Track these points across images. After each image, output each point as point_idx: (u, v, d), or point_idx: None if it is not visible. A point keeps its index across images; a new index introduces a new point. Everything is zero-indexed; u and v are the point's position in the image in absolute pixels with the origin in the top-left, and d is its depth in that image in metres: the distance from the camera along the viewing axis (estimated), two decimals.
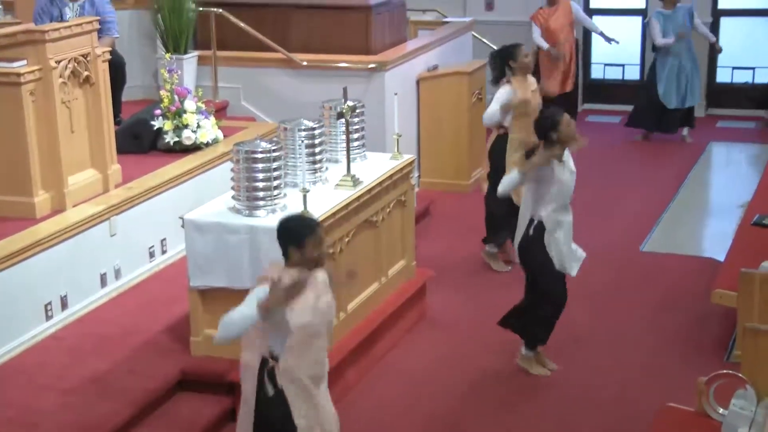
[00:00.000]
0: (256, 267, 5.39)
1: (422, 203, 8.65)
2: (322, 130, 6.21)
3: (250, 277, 5.29)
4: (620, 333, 6.74)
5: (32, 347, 5.94)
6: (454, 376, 6.22)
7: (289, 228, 4.40)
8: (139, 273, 6.93)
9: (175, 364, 5.76)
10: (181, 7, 8.83)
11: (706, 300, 6.62)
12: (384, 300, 6.50)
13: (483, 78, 9.75)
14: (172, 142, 7.75)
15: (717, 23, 12.02)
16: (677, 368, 6.21)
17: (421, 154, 9.46)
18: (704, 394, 4.82)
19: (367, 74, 8.71)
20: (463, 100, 9.37)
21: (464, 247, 8.15)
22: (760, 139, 11.22)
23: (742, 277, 5.84)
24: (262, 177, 5.64)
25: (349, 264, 5.98)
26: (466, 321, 6.93)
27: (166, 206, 7.12)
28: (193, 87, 8.68)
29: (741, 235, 7.22)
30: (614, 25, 12.23)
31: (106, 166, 6.89)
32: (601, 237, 8.36)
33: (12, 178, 6.42)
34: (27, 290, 5.96)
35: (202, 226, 5.65)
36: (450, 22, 10.69)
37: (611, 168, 10.31)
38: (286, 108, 8.55)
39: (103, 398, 5.39)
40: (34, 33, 6.38)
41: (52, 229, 6.20)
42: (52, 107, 6.40)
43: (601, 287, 7.42)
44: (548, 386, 6.09)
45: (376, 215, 6.34)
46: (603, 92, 12.57)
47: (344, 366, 5.90)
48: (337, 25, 9.09)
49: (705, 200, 9.84)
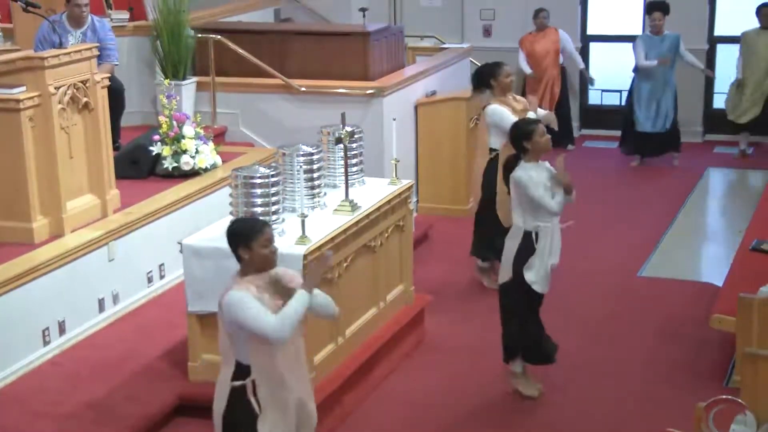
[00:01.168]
0: None
1: (420, 228, 8.65)
2: (321, 156, 6.23)
3: None
4: (618, 358, 6.73)
5: (29, 372, 5.93)
6: (452, 401, 6.20)
7: (236, 230, 4.44)
8: (138, 298, 6.93)
9: (172, 390, 5.74)
10: (179, 34, 8.88)
11: (704, 325, 6.61)
12: (382, 325, 6.49)
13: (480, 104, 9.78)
14: (170, 168, 7.77)
15: (714, 50, 12.09)
16: (676, 393, 6.19)
17: (420, 179, 9.47)
18: (703, 419, 4.79)
19: (366, 100, 8.74)
20: (461, 126, 9.40)
21: (462, 271, 8.14)
22: (757, 165, 11.24)
23: (741, 302, 5.84)
24: (261, 202, 5.65)
25: (349, 291, 5.98)
26: (464, 346, 6.92)
27: (164, 231, 7.12)
28: (191, 113, 8.72)
29: (739, 260, 7.22)
30: (611, 51, 12.31)
31: (105, 192, 6.90)
32: (598, 262, 8.37)
33: (10, 204, 6.43)
34: (25, 315, 5.95)
35: (201, 251, 5.65)
36: (448, 48, 10.74)
37: (608, 193, 10.33)
38: (284, 133, 8.58)
39: (101, 424, 5.38)
40: (34, 59, 6.41)
41: (50, 255, 6.21)
42: (51, 133, 6.42)
43: (598, 312, 7.42)
44: (548, 412, 6.07)
45: (374, 240, 6.34)
46: (600, 118, 12.61)
47: (342, 391, 5.88)
48: (336, 52, 9.13)
49: (703, 225, 9.86)
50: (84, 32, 8.01)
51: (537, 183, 5.82)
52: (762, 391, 4.69)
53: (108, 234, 6.65)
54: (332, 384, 5.79)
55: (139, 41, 9.38)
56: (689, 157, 11.28)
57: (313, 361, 5.70)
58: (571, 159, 11.33)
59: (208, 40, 9.05)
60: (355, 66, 9.06)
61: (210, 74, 9.05)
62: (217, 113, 9.11)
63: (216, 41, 9.03)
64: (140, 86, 9.36)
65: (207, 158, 7.87)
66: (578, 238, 8.78)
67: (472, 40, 12.06)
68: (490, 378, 6.39)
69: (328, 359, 5.86)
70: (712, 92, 12.23)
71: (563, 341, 6.21)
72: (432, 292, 7.29)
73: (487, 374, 6.46)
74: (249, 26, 10.14)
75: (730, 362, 6.46)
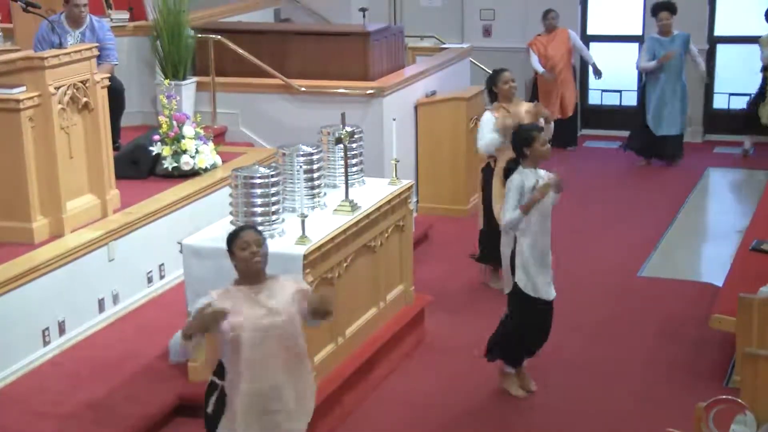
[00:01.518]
0: None
1: (420, 228, 8.65)
2: (321, 156, 6.22)
3: None
4: (618, 358, 6.73)
5: (29, 373, 5.93)
6: (452, 400, 6.20)
7: (226, 238, 4.50)
8: (138, 298, 6.93)
9: (172, 390, 5.74)
10: (180, 34, 8.88)
11: (704, 325, 6.61)
12: (382, 325, 6.49)
13: (481, 104, 9.77)
14: (170, 168, 7.77)
15: (713, 50, 12.09)
16: (676, 394, 6.19)
17: (420, 179, 9.48)
18: (703, 419, 4.79)
19: (366, 100, 8.74)
20: (461, 126, 9.40)
21: (462, 271, 8.14)
22: (757, 165, 11.24)
23: (741, 302, 5.84)
24: (261, 202, 5.65)
25: (349, 291, 5.99)
26: (464, 346, 6.91)
27: (164, 231, 7.12)
28: (191, 113, 8.72)
29: (739, 260, 7.22)
30: (611, 51, 12.30)
31: (105, 192, 6.90)
32: (598, 262, 8.37)
33: (10, 204, 6.43)
34: (25, 316, 5.95)
35: (201, 252, 5.65)
36: (448, 48, 10.73)
37: (608, 193, 10.33)
38: (284, 133, 8.58)
39: (101, 424, 5.38)
40: (33, 59, 6.41)
41: (50, 255, 6.21)
42: (50, 133, 6.42)
43: (598, 312, 7.42)
44: (547, 412, 6.07)
45: (374, 240, 6.34)
46: (600, 118, 12.61)
47: (342, 391, 5.88)
48: (336, 52, 9.13)
49: (703, 225, 9.85)
50: (82, 32, 8.01)
51: (517, 189, 5.84)
52: (762, 391, 4.69)
53: (108, 234, 6.65)
54: (332, 384, 5.79)
55: (139, 41, 9.38)
56: (689, 157, 11.27)
57: (314, 361, 5.70)
58: (572, 159, 11.43)
59: (208, 40, 9.05)
60: (355, 66, 9.06)
61: (210, 74, 9.05)
62: (217, 113, 9.12)
63: (216, 41, 9.03)
64: (140, 86, 9.36)
65: (207, 158, 7.87)
66: (578, 238, 8.80)
67: (472, 40, 12.06)
68: (490, 378, 6.39)
69: (328, 359, 5.86)
70: (712, 92, 12.23)
71: (563, 341, 6.21)
72: (432, 292, 7.29)
73: (486, 374, 6.45)
74: (249, 26, 10.14)
75: (730, 362, 6.45)
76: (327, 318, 4.54)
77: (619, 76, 12.05)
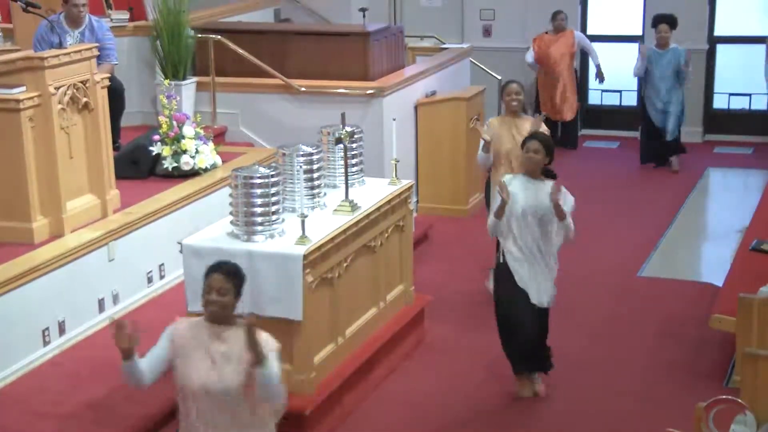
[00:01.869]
0: (254, 292, 5.39)
1: (420, 228, 8.65)
2: (321, 156, 6.23)
3: (248, 302, 5.28)
4: (618, 359, 6.73)
5: (29, 373, 5.92)
6: (452, 401, 6.20)
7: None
8: (138, 298, 6.92)
9: (172, 390, 5.73)
10: (179, 34, 8.87)
11: (704, 325, 6.61)
12: (382, 325, 6.49)
13: (481, 104, 9.79)
14: (170, 168, 7.76)
15: (713, 50, 12.09)
16: (676, 394, 6.19)
17: (420, 180, 9.48)
18: (703, 419, 4.79)
19: (366, 100, 8.74)
20: (461, 126, 9.40)
21: (463, 271, 8.15)
22: (757, 165, 11.25)
23: (741, 302, 5.84)
24: (261, 202, 5.64)
25: (349, 291, 5.99)
26: (464, 346, 6.92)
27: (164, 231, 7.12)
28: (191, 113, 8.72)
29: (739, 260, 7.22)
30: (611, 51, 12.30)
31: (105, 192, 6.90)
32: (598, 262, 8.37)
33: (10, 204, 6.42)
34: (25, 316, 5.95)
35: (201, 252, 5.65)
36: (448, 48, 10.73)
37: (608, 193, 10.33)
38: (284, 133, 8.58)
39: (101, 425, 5.37)
40: (33, 59, 6.41)
41: (50, 255, 6.20)
42: (50, 133, 6.42)
43: (598, 312, 7.42)
44: (547, 413, 6.07)
45: (374, 240, 6.34)
46: (600, 118, 12.61)
47: (342, 391, 5.88)
48: (336, 52, 9.13)
49: (703, 225, 9.86)
50: (82, 32, 8.01)
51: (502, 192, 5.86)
52: (762, 391, 4.69)
53: (108, 234, 6.65)
54: (332, 384, 5.79)
55: (139, 41, 9.38)
56: (689, 157, 11.27)
57: (314, 361, 5.71)
58: (572, 159, 11.42)
59: (208, 40, 9.05)
60: (355, 66, 9.06)
61: (210, 74, 9.05)
62: (217, 113, 9.11)
63: (216, 41, 9.03)
64: (140, 86, 9.36)
65: (207, 158, 7.87)
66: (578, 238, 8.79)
67: (472, 40, 12.06)
68: (490, 378, 6.40)
69: (328, 359, 5.86)
70: (712, 92, 12.23)
71: (563, 341, 6.21)
72: (432, 292, 7.29)
73: (486, 374, 6.46)
74: (249, 26, 10.14)
75: (730, 362, 6.46)
76: (261, 362, 4.13)
77: (619, 77, 12.05)
